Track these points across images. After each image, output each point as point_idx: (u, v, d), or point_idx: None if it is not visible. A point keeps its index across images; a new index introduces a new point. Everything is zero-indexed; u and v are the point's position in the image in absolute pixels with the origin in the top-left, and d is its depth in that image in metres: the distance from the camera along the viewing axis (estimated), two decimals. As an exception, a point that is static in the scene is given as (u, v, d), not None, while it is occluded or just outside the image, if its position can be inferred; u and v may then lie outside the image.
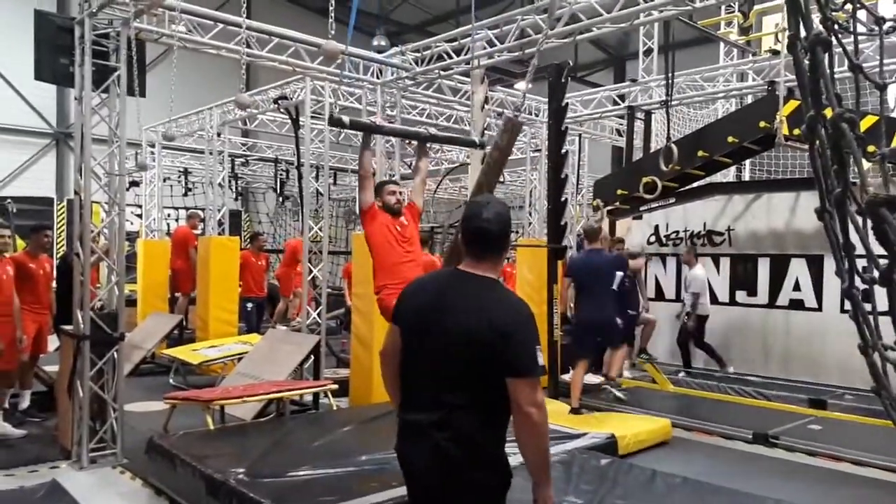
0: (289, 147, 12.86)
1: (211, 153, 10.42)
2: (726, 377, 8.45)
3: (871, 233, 1.93)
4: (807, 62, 2.10)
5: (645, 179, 8.02)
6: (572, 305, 9.42)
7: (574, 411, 6.47)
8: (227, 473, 3.98)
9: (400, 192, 4.65)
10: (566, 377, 8.20)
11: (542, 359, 2.16)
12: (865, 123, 5.04)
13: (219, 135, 10.39)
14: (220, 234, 10.08)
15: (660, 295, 9.86)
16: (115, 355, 5.24)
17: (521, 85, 15.19)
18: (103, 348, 5.17)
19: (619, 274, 6.81)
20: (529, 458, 2.16)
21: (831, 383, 7.81)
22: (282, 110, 8.96)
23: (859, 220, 1.97)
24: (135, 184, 13.17)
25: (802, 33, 2.13)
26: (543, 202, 8.94)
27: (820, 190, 2.08)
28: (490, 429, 2.19)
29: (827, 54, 2.10)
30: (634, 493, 3.86)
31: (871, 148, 3.97)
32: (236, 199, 16.52)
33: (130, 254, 12.55)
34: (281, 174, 14.70)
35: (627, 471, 4.40)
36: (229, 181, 13.31)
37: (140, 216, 12.99)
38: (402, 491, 3.78)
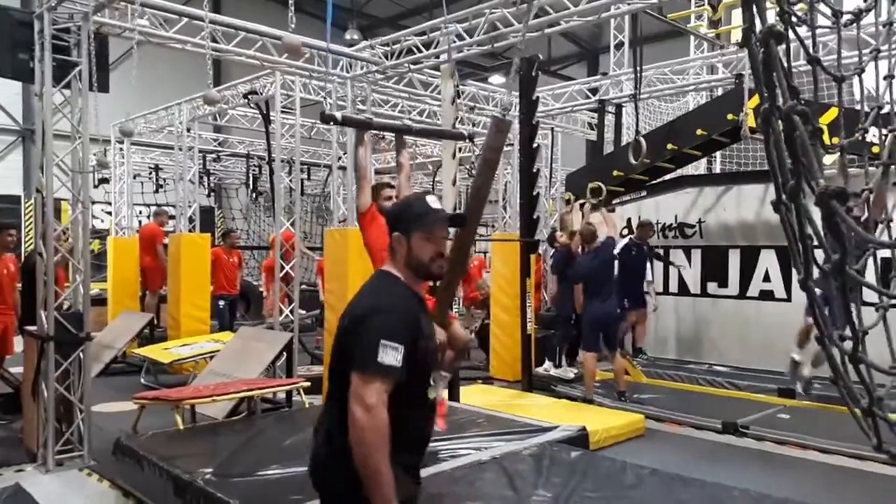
0: (261, 142, 12.73)
1: (181, 149, 10.27)
2: (698, 368, 8.56)
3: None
4: (762, 55, 2.12)
5: (591, 185, 8.11)
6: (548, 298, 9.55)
7: (620, 394, 6.97)
8: (195, 473, 3.93)
9: (396, 195, 4.57)
10: (540, 370, 8.28)
11: (388, 357, 1.93)
12: (828, 116, 5.13)
13: (189, 130, 10.25)
14: (191, 230, 9.96)
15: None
16: (81, 356, 5.15)
17: (495, 79, 15.20)
18: (69, 349, 5.08)
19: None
20: (358, 468, 1.92)
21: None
22: (252, 105, 8.85)
23: (815, 211, 2.00)
24: (104, 181, 12.92)
25: (758, 26, 2.15)
26: (517, 196, 8.95)
27: (776, 182, 2.11)
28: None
29: (783, 47, 2.12)
30: (604, 485, 3.89)
31: (835, 140, 4.01)
32: (209, 196, 16.32)
33: (101, 252, 12.40)
34: (253, 170, 14.56)
35: (598, 463, 4.43)
36: (201, 177, 13.17)
37: (110, 213, 12.79)
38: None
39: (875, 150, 5.61)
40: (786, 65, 2.12)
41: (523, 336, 7.56)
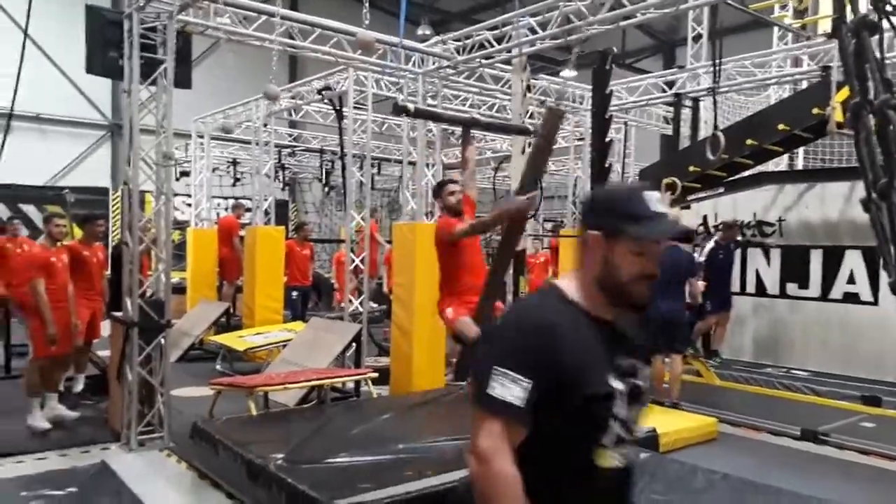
0: (334, 137, 12.97)
1: (258, 144, 10.59)
2: (775, 372, 8.23)
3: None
4: (853, 46, 2.01)
5: (666, 180, 7.85)
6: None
7: (673, 404, 6.67)
8: (268, 459, 4.05)
9: (460, 191, 4.62)
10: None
11: (500, 389, 1.44)
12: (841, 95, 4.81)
13: (265, 126, 10.55)
14: (266, 223, 10.25)
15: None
16: (162, 341, 5.39)
17: (565, 72, 15.01)
18: (151, 334, 5.32)
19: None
20: None
21: (887, 380, 7.52)
22: (326, 101, 9.03)
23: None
24: (185, 174, 13.49)
25: (849, 16, 2.04)
26: (587, 191, 8.82)
27: (865, 180, 2.01)
28: (523, 467, 1.48)
29: (876, 37, 2.01)
30: (673, 488, 3.80)
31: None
32: (283, 189, 16.78)
33: (181, 242, 12.93)
34: (326, 164, 14.86)
35: (667, 465, 4.33)
36: (276, 171, 13.54)
37: (190, 205, 13.32)
38: (436, 480, 3.82)
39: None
40: (879, 56, 2.01)
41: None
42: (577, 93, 9.88)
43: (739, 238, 8.89)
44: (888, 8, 2.12)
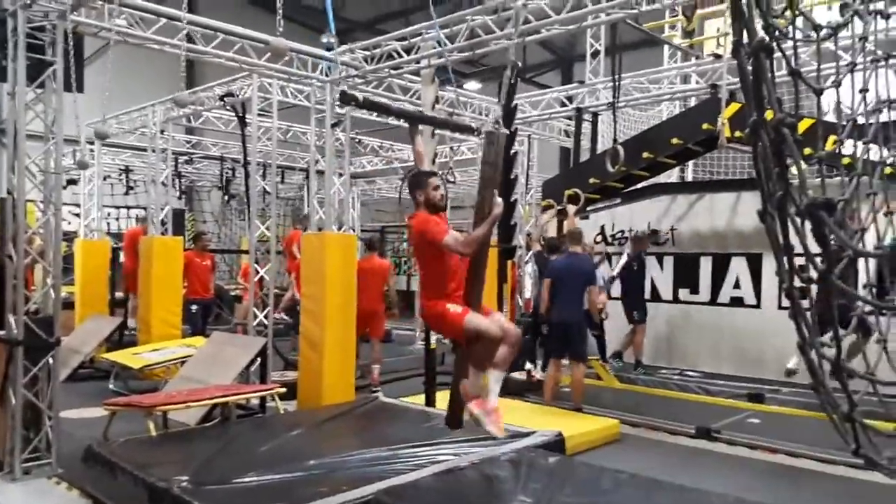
0: (235, 145, 12.59)
1: (154, 151, 10.12)
2: (670, 374, 8.67)
3: (809, 234, 2.00)
4: (750, 67, 2.15)
5: (568, 192, 8.19)
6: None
7: (577, 409, 6.79)
8: (171, 481, 3.87)
9: (444, 186, 4.36)
10: (515, 375, 8.29)
11: None
12: (802, 126, 5.22)
13: (162, 132, 10.10)
14: (163, 233, 9.81)
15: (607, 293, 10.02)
16: (51, 361, 5.02)
17: (471, 85, 15.25)
18: (38, 354, 4.94)
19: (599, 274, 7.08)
20: None
21: (769, 378, 8.07)
22: (228, 107, 8.76)
23: (798, 221, 2.03)
24: (72, 182, 12.62)
25: (746, 39, 2.18)
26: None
27: (762, 192, 2.14)
28: None
29: (768, 60, 2.16)
30: (583, 490, 3.91)
31: (807, 150, 4.11)
32: (180, 198, 16.09)
33: (68, 255, 12.13)
34: (227, 172, 14.39)
35: (576, 468, 4.46)
36: (173, 179, 12.97)
37: (78, 215, 12.54)
38: (352, 495, 3.77)
39: (845, 161, 5.71)
40: (771, 77, 2.16)
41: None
42: (483, 106, 10.06)
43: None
44: (776, 33, 2.28)
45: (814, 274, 2.00)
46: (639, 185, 9.32)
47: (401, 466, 4.30)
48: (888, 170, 5.57)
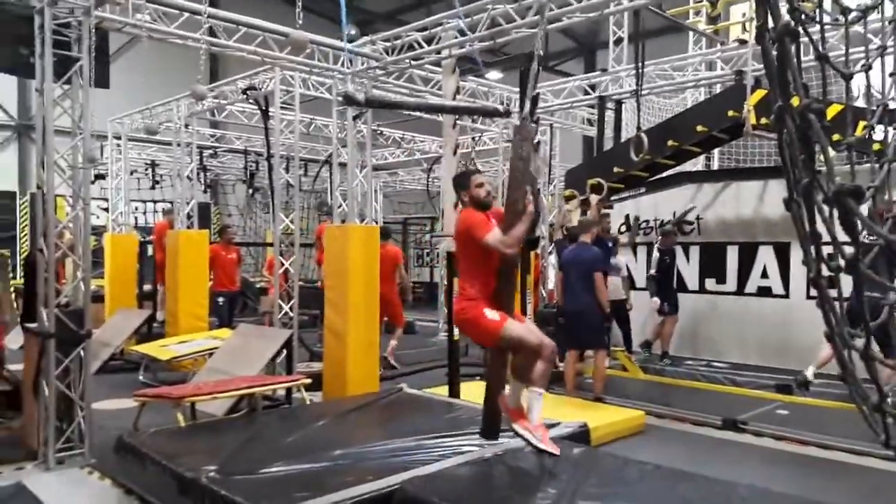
0: (258, 138, 12.69)
1: (179, 145, 10.24)
2: (696, 364, 8.58)
3: (836, 222, 1.95)
4: (775, 52, 2.11)
5: (591, 181, 8.11)
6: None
7: (597, 399, 6.78)
8: (199, 471, 3.92)
9: (489, 184, 4.24)
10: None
11: None
12: (831, 112, 5.13)
13: (187, 126, 10.21)
14: (188, 227, 9.93)
15: (631, 284, 9.94)
16: (82, 353, 5.13)
17: (493, 75, 15.17)
18: (69, 346, 5.05)
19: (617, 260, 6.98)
20: None
21: (798, 368, 7.95)
22: (251, 101, 8.82)
23: (826, 209, 1.99)
24: (100, 177, 12.84)
25: (770, 24, 2.14)
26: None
27: (788, 180, 2.10)
28: None
29: (794, 45, 2.11)
30: (608, 480, 3.89)
31: (836, 137, 4.02)
32: (205, 192, 16.30)
33: (97, 248, 12.34)
34: (250, 166, 14.52)
35: (600, 459, 4.43)
36: (198, 173, 13.13)
37: (106, 210, 12.74)
38: (377, 485, 3.80)
39: (876, 146, 5.59)
40: (797, 62, 2.11)
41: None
42: (504, 95, 10.00)
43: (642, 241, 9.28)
44: (803, 17, 2.22)
45: (842, 263, 1.96)
46: (664, 174, 9.22)
47: (425, 457, 4.31)
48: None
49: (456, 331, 6.72)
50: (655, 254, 8.85)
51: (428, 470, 4.04)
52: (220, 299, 10.09)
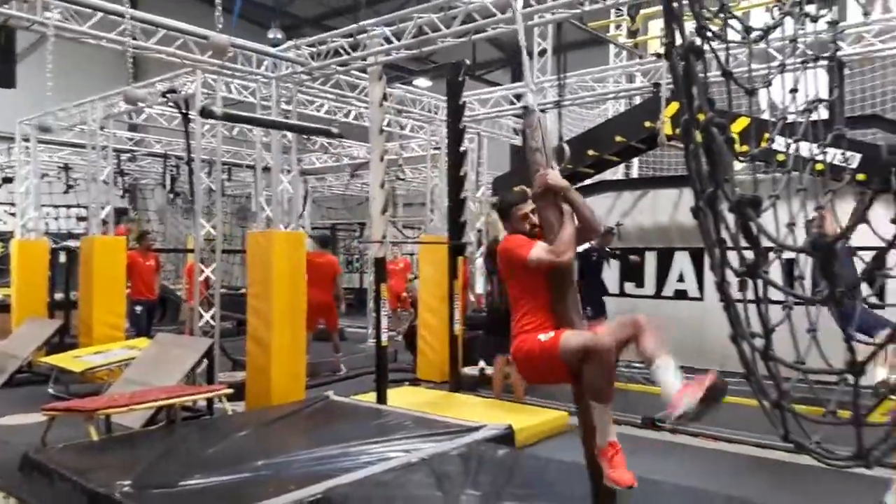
0: (179, 142, 12.32)
1: (94, 148, 9.82)
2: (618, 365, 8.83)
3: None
4: (682, 68, 2.23)
5: (516, 189, 8.23)
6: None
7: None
8: (112, 486, 3.78)
9: (533, 212, 3.49)
10: (467, 370, 8.35)
11: None
12: (738, 126, 5.42)
13: (102, 129, 9.81)
14: (104, 233, 9.53)
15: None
16: (-15, 366, 4.85)
17: (421, 82, 15.25)
18: (-30, 359, 4.77)
19: None
20: None
21: (713, 368, 8.30)
22: (171, 104, 8.56)
23: (730, 217, 2.12)
24: (8, 180, 12.24)
25: (678, 41, 2.26)
26: (444, 199, 9.01)
27: (694, 189, 2.22)
28: None
29: (700, 61, 2.24)
30: (531, 481, 3.97)
31: (744, 148, 4.24)
32: (123, 196, 15.68)
33: (3, 255, 11.70)
34: (171, 170, 14.06)
35: (523, 460, 4.52)
36: (115, 177, 12.62)
37: (14, 215, 12.08)
38: (299, 494, 3.74)
39: (780, 157, 5.92)
40: (703, 78, 2.24)
41: (451, 337, 7.62)
42: (431, 103, 10.07)
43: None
44: (709, 34, 2.35)
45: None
46: (585, 182, 9.47)
47: (350, 464, 4.28)
48: (819, 166, 5.80)
49: (384, 336, 6.69)
50: (586, 244, 8.97)
51: (352, 477, 4.02)
52: (138, 308, 9.73)
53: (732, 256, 2.14)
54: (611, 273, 9.61)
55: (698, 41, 2.09)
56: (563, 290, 3.30)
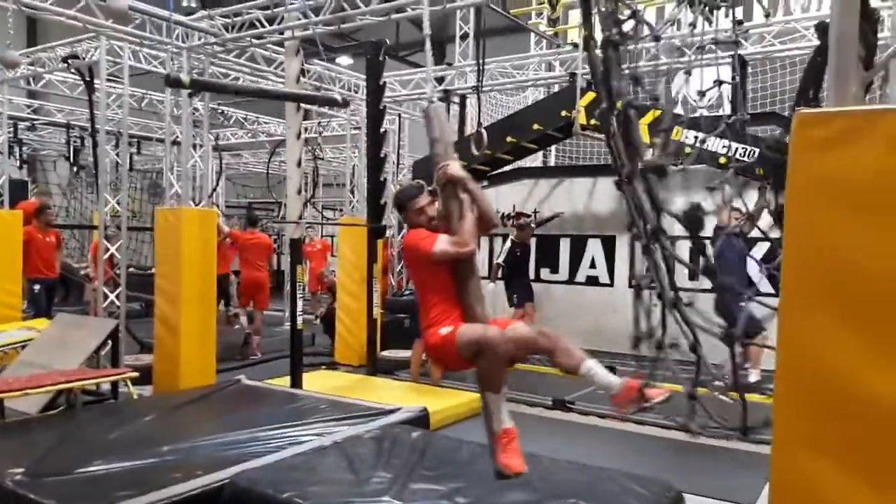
0: (83, 111, 11.66)
1: (-14, 115, 9.15)
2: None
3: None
4: (601, 59, 2.37)
5: (411, 182, 8.27)
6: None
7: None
8: (4, 475, 3.58)
9: (429, 204, 3.52)
10: (386, 354, 8.36)
11: None
12: (650, 117, 5.60)
13: (-4, 94, 9.15)
14: (-2, 206, 8.95)
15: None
16: None
17: (342, 60, 15.01)
18: None
19: None
20: None
21: (621, 352, 8.62)
22: (73, 70, 8.07)
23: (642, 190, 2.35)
24: None
25: (598, 35, 2.39)
26: (364, 181, 8.93)
27: (617, 167, 2.39)
28: None
29: (616, 53, 2.36)
30: (441, 463, 4.02)
31: (656, 140, 4.36)
32: (21, 168, 14.74)
33: None
34: (74, 141, 13.30)
35: (436, 442, 4.57)
36: (11, 147, 11.84)
37: None
38: (206, 479, 3.66)
39: (687, 150, 6.17)
40: (619, 67, 2.38)
41: (369, 320, 7.59)
42: (352, 82, 9.93)
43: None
44: (620, 29, 2.46)
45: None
46: (504, 169, 9.60)
47: (260, 449, 4.22)
48: (722, 160, 6.08)
49: (299, 320, 6.61)
50: (508, 244, 9.10)
51: (262, 462, 3.96)
52: (37, 287, 9.18)
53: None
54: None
55: (615, 35, 2.22)
56: (466, 281, 3.33)
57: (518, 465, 3.21)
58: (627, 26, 2.47)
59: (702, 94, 2.87)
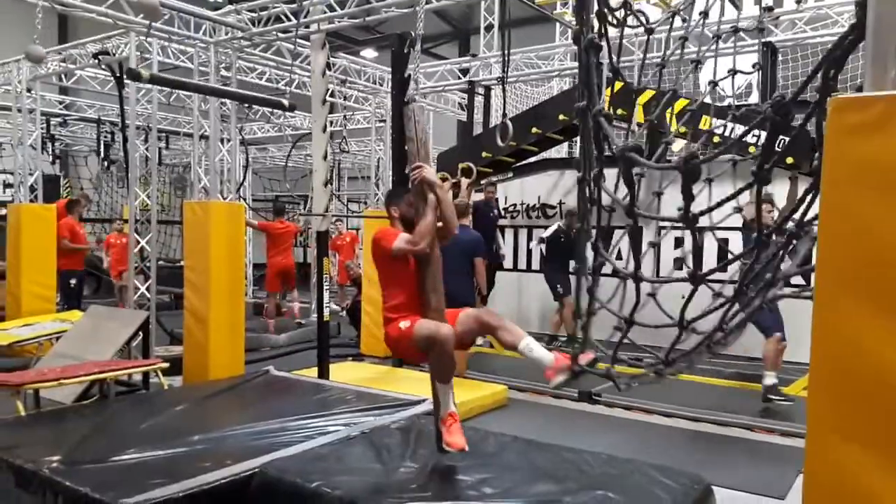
0: (113, 107, 11.84)
1: (20, 111, 9.34)
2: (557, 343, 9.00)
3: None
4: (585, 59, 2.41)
5: (462, 165, 8.24)
6: None
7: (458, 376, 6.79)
8: (40, 462, 3.66)
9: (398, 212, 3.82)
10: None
11: None
12: (644, 97, 5.49)
13: (30, 91, 9.33)
14: (32, 200, 9.13)
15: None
16: None
17: (367, 53, 15.04)
18: None
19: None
20: None
21: (660, 345, 8.55)
22: (103, 67, 8.19)
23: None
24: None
25: (585, 36, 2.42)
26: (389, 173, 8.95)
27: (584, 169, 2.46)
28: None
29: (596, 55, 2.44)
30: (468, 453, 4.01)
31: (682, 129, 4.32)
32: (53, 163, 15.02)
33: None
34: (105, 136, 13.52)
35: (463, 432, 4.57)
36: (44, 143, 12.08)
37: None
38: (236, 468, 3.71)
39: (715, 139, 6.07)
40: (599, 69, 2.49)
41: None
42: (377, 74, 9.94)
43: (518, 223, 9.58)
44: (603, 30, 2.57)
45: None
46: (531, 160, 9.54)
47: (289, 438, 4.26)
48: (752, 149, 5.98)
49: (326, 311, 6.66)
50: (554, 227, 9.00)
51: (290, 451, 4.00)
52: (73, 280, 9.39)
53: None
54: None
55: (597, 38, 2.28)
56: (425, 277, 3.59)
57: (460, 443, 3.62)
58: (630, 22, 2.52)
59: (714, 83, 2.83)
